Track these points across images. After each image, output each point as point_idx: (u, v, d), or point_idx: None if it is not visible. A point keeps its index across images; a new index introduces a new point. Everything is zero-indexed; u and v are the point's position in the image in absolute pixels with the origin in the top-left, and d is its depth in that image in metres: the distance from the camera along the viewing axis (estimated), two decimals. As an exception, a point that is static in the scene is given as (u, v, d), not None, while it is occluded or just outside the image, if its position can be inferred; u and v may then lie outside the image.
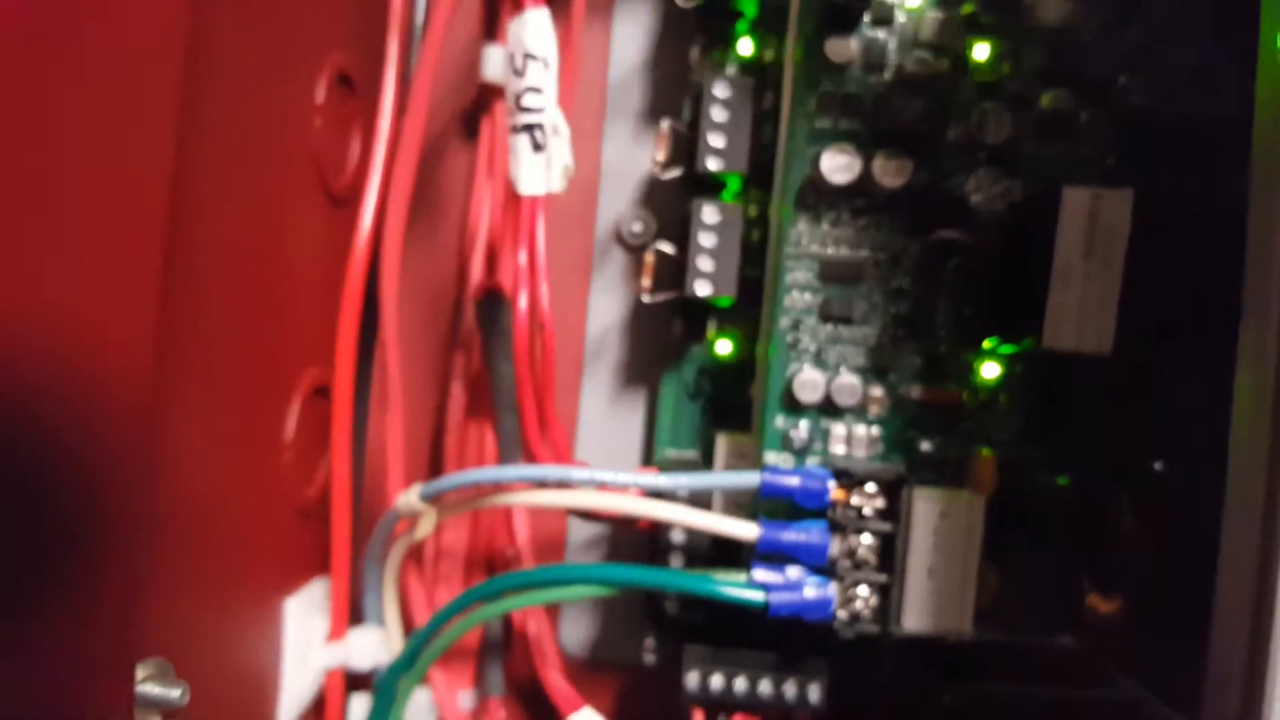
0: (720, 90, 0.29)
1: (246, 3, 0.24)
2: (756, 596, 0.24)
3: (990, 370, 0.28)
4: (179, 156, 0.20)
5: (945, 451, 0.28)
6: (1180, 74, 0.27)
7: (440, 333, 0.33)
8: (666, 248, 0.30)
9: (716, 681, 0.27)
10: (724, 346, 0.31)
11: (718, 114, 0.29)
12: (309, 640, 0.28)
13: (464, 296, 0.33)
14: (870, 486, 0.26)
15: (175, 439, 0.22)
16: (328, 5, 0.29)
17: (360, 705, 0.29)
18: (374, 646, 0.27)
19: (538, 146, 0.26)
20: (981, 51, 0.28)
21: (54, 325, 0.17)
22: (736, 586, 0.24)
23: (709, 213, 0.29)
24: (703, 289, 0.29)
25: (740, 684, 0.27)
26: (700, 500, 0.28)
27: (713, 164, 0.29)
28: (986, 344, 0.27)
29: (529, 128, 0.26)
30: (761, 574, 0.25)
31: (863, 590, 0.26)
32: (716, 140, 0.29)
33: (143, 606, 0.21)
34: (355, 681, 0.29)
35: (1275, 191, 0.21)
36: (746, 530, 0.25)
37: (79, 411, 0.18)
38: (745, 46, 0.31)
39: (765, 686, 0.27)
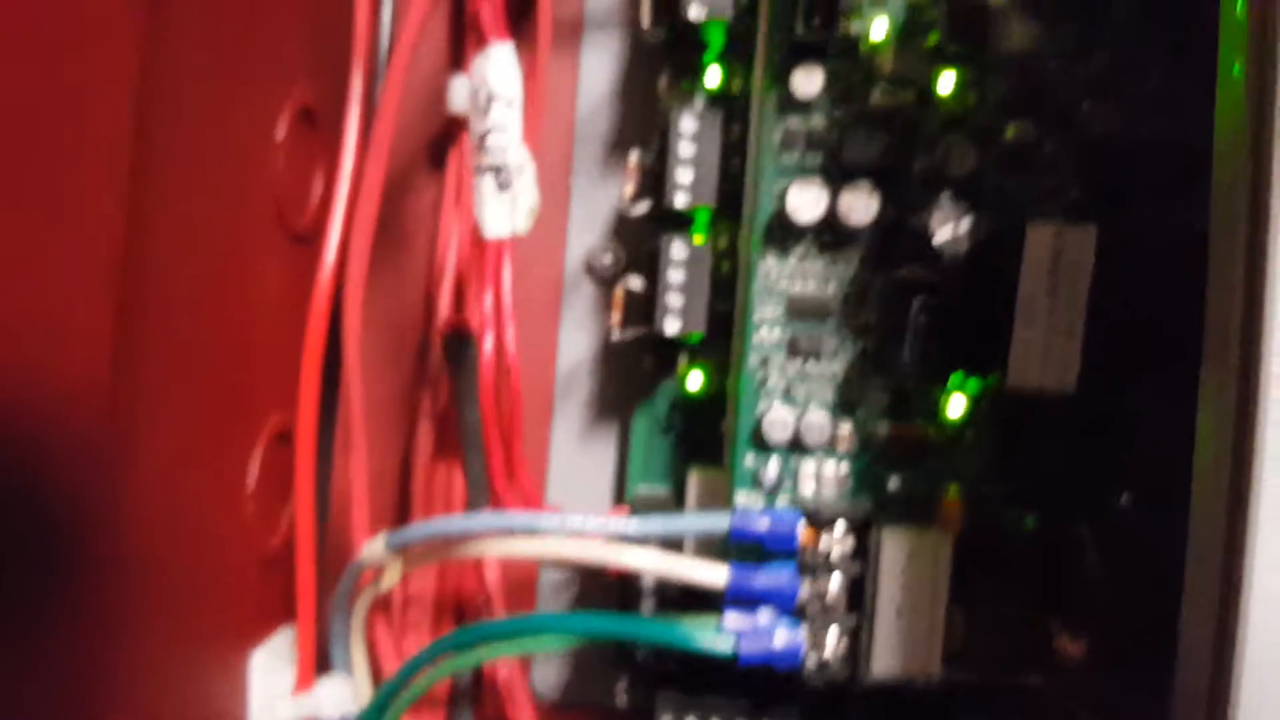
0: (687, 125, 0.29)
1: (206, 37, 0.24)
2: (725, 647, 0.24)
3: (957, 406, 0.28)
4: (132, 195, 0.19)
5: (913, 488, 0.28)
6: (1143, 102, 0.27)
7: (406, 369, 0.33)
8: (636, 284, 0.30)
9: (690, 726, 0.27)
10: (695, 381, 0.31)
11: (685, 149, 0.29)
12: (276, 691, 0.27)
13: (431, 332, 0.32)
14: (839, 527, 0.26)
15: (135, 489, 0.22)
16: (290, 40, 0.28)
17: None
18: (342, 697, 0.27)
19: (503, 187, 0.26)
20: (946, 84, 0.28)
21: (10, 372, 0.17)
22: (706, 635, 0.24)
23: (678, 249, 0.29)
24: (672, 326, 0.29)
25: (713, 728, 0.27)
26: (673, 541, 0.28)
27: (680, 200, 0.29)
28: (952, 381, 0.27)
29: (494, 168, 0.26)
30: (732, 620, 0.25)
31: (833, 633, 0.26)
32: (684, 175, 0.29)
33: (104, 660, 0.21)
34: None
35: (1234, 228, 0.21)
36: (716, 576, 0.25)
37: (37, 460, 0.18)
38: (712, 77, 0.31)
39: (738, 730, 0.27)
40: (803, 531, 0.25)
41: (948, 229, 0.25)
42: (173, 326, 0.23)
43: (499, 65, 0.25)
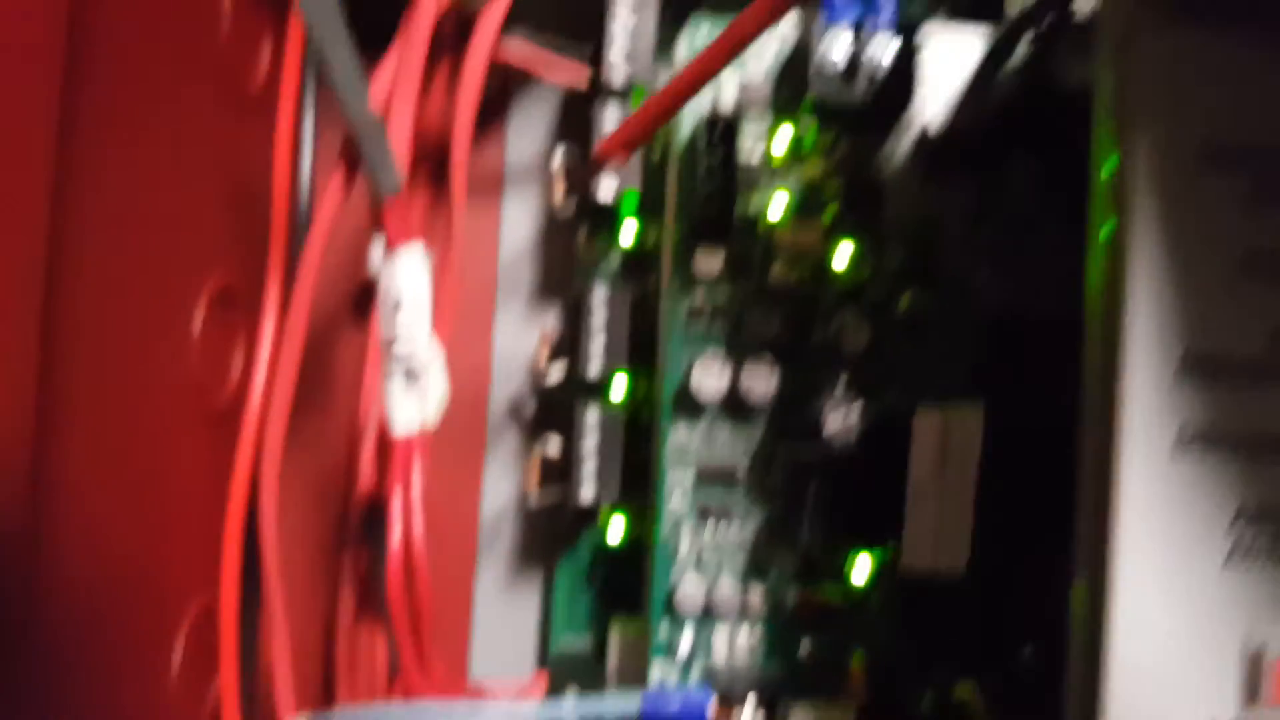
0: (598, 297, 0.30)
1: (116, 233, 0.24)
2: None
3: (862, 571, 0.29)
4: (41, 388, 0.20)
5: (821, 654, 0.29)
6: (1035, 273, 0.28)
7: (329, 529, 0.33)
8: (552, 447, 0.31)
9: None
10: (616, 531, 0.32)
11: (598, 320, 0.30)
12: None
13: (352, 495, 0.33)
14: (749, 704, 0.27)
15: (51, 679, 0.22)
16: (207, 230, 0.29)
17: None
18: None
19: (411, 385, 0.26)
20: (843, 257, 0.29)
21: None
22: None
23: (592, 417, 0.30)
24: (587, 495, 0.30)
25: None
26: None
27: (594, 369, 0.30)
28: (850, 556, 0.28)
29: (402, 367, 0.26)
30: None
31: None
32: (597, 345, 0.30)
33: None
34: None
35: (1095, 400, 0.21)
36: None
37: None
38: (627, 235, 0.32)
39: None
40: (714, 711, 0.26)
41: (839, 417, 0.26)
42: (86, 518, 0.24)
43: (407, 270, 0.26)
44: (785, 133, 0.29)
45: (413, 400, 0.26)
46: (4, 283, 0.19)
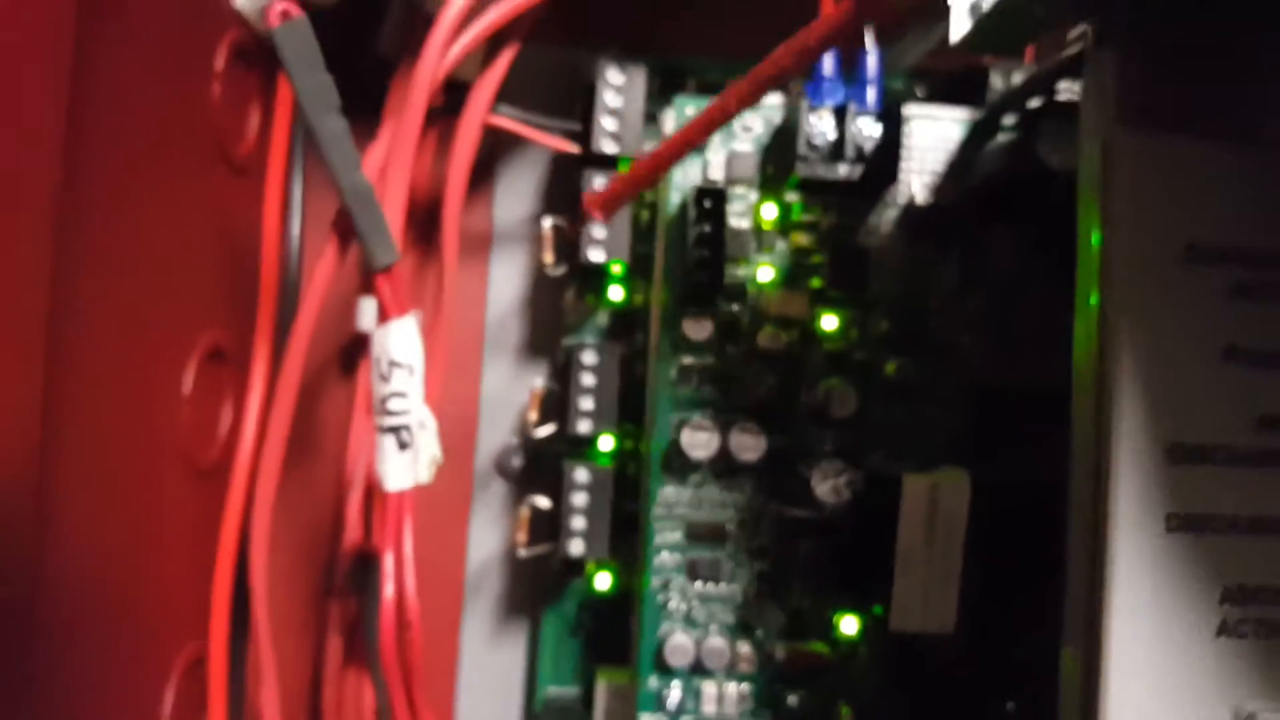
0: (588, 357, 0.30)
1: (111, 296, 0.24)
2: None
3: (849, 626, 0.29)
4: (42, 451, 0.20)
5: (810, 706, 0.29)
6: (1019, 341, 0.29)
7: (316, 578, 0.33)
8: (542, 502, 0.31)
9: None
10: (603, 582, 0.32)
11: (586, 379, 0.30)
12: None
13: (340, 544, 0.33)
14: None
15: None
16: (199, 288, 0.29)
17: None
18: None
19: (403, 445, 0.27)
20: (830, 323, 0.29)
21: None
22: None
23: (580, 474, 0.30)
24: (576, 549, 0.30)
25: None
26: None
27: (583, 427, 0.30)
28: (837, 616, 0.29)
29: (395, 429, 0.27)
30: None
31: None
32: (586, 403, 0.30)
33: None
34: None
35: (1085, 466, 0.22)
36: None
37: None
38: (616, 293, 0.32)
39: None
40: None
41: (827, 479, 0.27)
42: (80, 569, 0.24)
43: (400, 337, 0.26)
44: (771, 209, 0.29)
45: (405, 459, 0.26)
46: (7, 343, 0.19)
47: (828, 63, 0.27)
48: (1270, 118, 0.20)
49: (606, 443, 0.31)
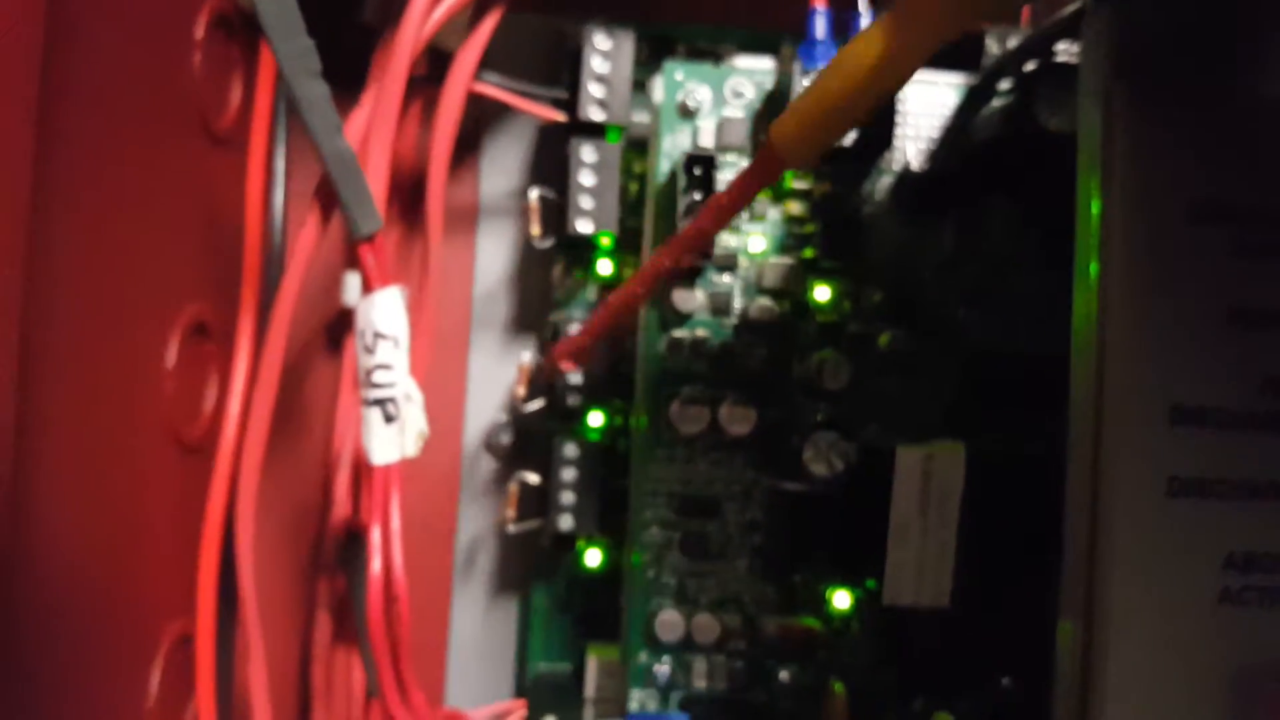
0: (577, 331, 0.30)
1: (90, 267, 0.24)
2: None
3: (842, 600, 0.29)
4: (18, 420, 0.20)
5: (802, 681, 0.29)
6: (1014, 310, 0.29)
7: (304, 555, 0.33)
8: (531, 478, 0.31)
9: None
10: (593, 558, 0.32)
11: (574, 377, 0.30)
12: None
13: (328, 520, 0.33)
14: (728, 734, 0.27)
15: (28, 710, 0.22)
16: (181, 261, 0.29)
17: None
18: None
19: (389, 418, 0.26)
20: (822, 294, 0.29)
21: None
22: None
23: (570, 449, 0.30)
24: (565, 524, 0.30)
25: None
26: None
27: (572, 401, 0.30)
28: (830, 590, 0.28)
29: (380, 401, 0.26)
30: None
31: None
32: (574, 377, 0.30)
33: None
34: None
35: (1083, 439, 0.22)
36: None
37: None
38: (605, 266, 0.32)
39: None
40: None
41: (820, 460, 0.26)
42: (62, 546, 0.23)
43: (385, 309, 0.25)
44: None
45: (391, 432, 0.26)
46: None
47: (820, 25, 0.26)
48: (1273, 71, 0.19)
49: (596, 418, 0.31)
